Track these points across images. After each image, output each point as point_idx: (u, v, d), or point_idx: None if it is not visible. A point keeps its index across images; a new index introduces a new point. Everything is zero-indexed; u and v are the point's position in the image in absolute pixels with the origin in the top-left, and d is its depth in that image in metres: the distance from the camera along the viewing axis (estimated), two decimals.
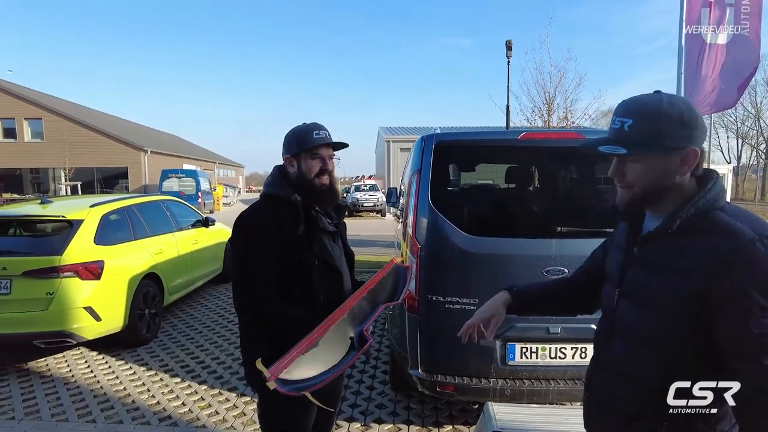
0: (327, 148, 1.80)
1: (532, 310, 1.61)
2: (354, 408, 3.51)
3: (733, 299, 0.94)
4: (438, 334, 2.87)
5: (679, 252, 1.04)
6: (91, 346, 4.74)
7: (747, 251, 0.94)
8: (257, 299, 1.64)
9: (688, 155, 1.04)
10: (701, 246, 1.00)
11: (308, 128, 1.77)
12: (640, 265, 1.14)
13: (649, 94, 1.09)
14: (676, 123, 1.03)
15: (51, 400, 3.69)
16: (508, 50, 13.63)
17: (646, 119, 1.05)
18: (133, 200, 5.59)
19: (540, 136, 3.00)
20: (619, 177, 1.12)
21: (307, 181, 1.76)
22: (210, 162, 41.54)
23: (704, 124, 1.07)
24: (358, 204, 23.86)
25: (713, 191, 1.05)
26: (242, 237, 1.69)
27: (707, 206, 1.03)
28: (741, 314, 0.94)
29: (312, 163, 1.76)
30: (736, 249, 0.95)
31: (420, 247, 2.87)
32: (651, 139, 1.04)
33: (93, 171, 28.96)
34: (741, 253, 0.94)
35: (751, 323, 0.92)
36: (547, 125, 13.24)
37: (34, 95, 29.20)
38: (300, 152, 1.76)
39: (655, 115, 1.04)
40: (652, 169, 1.07)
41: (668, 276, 1.05)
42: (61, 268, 4.10)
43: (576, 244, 2.74)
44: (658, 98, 1.06)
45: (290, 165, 1.79)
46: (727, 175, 20.57)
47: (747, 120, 42.88)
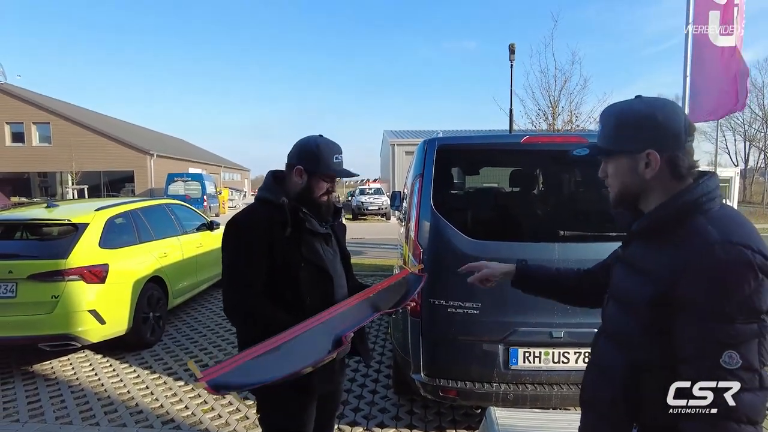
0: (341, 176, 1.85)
1: (534, 288, 1.62)
2: (357, 412, 3.50)
3: (687, 304, 0.95)
4: (441, 339, 2.86)
5: (649, 254, 1.07)
6: (96, 349, 4.77)
7: (704, 255, 0.94)
8: (243, 299, 1.65)
9: (650, 159, 1.06)
10: (668, 249, 1.01)
11: (330, 150, 1.78)
12: (622, 266, 1.18)
13: (625, 100, 1.13)
14: (633, 125, 1.07)
15: (55, 402, 3.71)
16: (511, 54, 13.64)
17: (610, 122, 1.12)
18: (138, 204, 5.63)
19: (543, 140, 3.00)
20: (605, 177, 1.19)
21: (312, 198, 1.79)
22: (216, 166, 41.70)
23: (675, 128, 1.05)
24: (363, 207, 23.86)
25: (691, 194, 1.04)
26: (232, 238, 1.72)
27: (685, 209, 1.03)
28: (692, 319, 0.95)
29: (322, 184, 1.80)
30: (695, 253, 0.95)
31: (422, 251, 2.87)
32: (612, 143, 1.11)
33: (100, 175, 29.17)
34: (698, 257, 0.95)
35: (698, 327, 0.94)
36: (552, 129, 13.21)
37: (42, 100, 29.46)
38: (316, 172, 1.78)
39: (616, 119, 1.11)
40: (621, 171, 1.12)
41: (638, 277, 1.08)
42: (66, 272, 4.13)
43: (579, 248, 2.73)
44: (628, 103, 1.11)
45: (299, 176, 1.79)
46: (734, 178, 20.39)
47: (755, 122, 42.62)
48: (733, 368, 0.90)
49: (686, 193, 1.04)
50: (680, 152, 1.06)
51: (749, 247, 0.92)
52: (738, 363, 0.90)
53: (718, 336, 0.92)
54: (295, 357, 1.41)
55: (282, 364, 1.37)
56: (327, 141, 1.81)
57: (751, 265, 0.91)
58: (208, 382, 1.20)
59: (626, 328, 1.10)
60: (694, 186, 1.05)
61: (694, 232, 0.99)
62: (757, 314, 0.91)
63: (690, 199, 1.03)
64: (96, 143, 28.51)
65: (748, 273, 0.91)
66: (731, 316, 0.91)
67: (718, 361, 0.91)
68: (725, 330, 0.91)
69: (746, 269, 0.91)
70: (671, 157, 1.06)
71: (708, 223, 0.99)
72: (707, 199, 1.03)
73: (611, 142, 1.12)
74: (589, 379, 1.24)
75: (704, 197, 1.03)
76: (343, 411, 3.49)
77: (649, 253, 1.07)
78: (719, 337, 0.92)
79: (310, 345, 1.47)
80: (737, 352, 0.90)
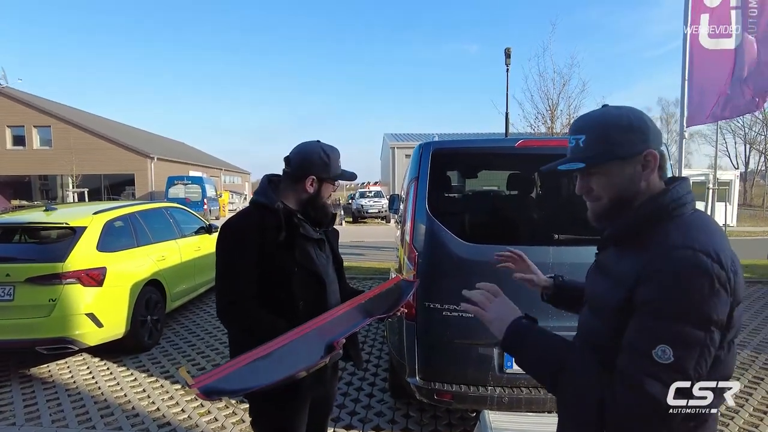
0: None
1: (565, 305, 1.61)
2: (353, 416, 3.50)
3: (641, 304, 0.95)
4: (436, 342, 2.87)
5: (619, 260, 1.07)
6: (94, 352, 4.77)
7: (663, 259, 0.95)
8: (234, 302, 1.67)
9: (648, 159, 1.06)
10: (633, 255, 1.02)
11: (335, 155, 1.87)
12: (596, 271, 1.19)
13: (597, 109, 1.13)
14: (626, 129, 1.06)
15: (52, 406, 3.72)
16: (507, 58, 13.70)
17: (596, 131, 1.08)
18: (137, 207, 5.64)
19: (538, 143, 3.01)
20: (587, 192, 1.14)
21: (321, 204, 1.87)
22: (216, 169, 41.75)
23: (656, 128, 1.08)
24: (363, 210, 23.89)
25: (661, 200, 1.04)
26: (225, 242, 1.73)
27: (656, 214, 1.03)
28: (639, 315, 0.95)
29: (329, 189, 1.90)
30: (656, 257, 0.96)
31: (417, 255, 2.88)
32: (605, 149, 1.07)
33: (100, 178, 29.20)
34: (657, 261, 0.95)
35: (642, 321, 0.94)
36: (551, 132, 13.24)
37: (43, 103, 29.55)
38: (326, 178, 1.84)
39: (603, 125, 1.08)
40: (616, 178, 1.09)
41: (608, 282, 1.08)
42: (63, 275, 4.14)
43: (573, 251, 2.74)
44: (605, 110, 1.10)
45: (311, 185, 1.83)
46: (733, 181, 20.41)
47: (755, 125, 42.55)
48: (663, 362, 0.90)
49: (659, 197, 1.04)
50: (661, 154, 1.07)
51: (709, 255, 0.91)
52: (669, 359, 0.90)
53: (658, 330, 0.92)
54: (288, 363, 1.41)
55: (274, 370, 1.38)
56: (330, 147, 1.87)
57: (707, 272, 0.90)
58: (200, 389, 1.21)
59: (597, 332, 1.09)
60: (666, 191, 1.05)
61: (661, 237, 0.99)
62: (706, 323, 0.90)
63: (662, 204, 1.03)
64: (97, 146, 28.57)
65: (702, 279, 0.90)
66: (677, 317, 0.90)
67: (650, 352, 0.91)
68: (667, 327, 0.91)
69: (701, 276, 0.90)
70: (661, 156, 1.07)
71: (675, 229, 0.99)
72: (678, 204, 1.03)
73: (603, 150, 1.07)
74: None
75: (675, 203, 1.03)
76: (339, 414, 3.50)
77: (618, 258, 1.08)
78: (658, 331, 0.91)
79: (302, 351, 1.48)
80: (672, 349, 0.90)
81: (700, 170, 20.86)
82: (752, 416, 3.45)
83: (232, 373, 1.30)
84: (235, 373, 1.30)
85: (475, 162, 3.48)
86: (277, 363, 1.39)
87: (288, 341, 1.44)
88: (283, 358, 1.41)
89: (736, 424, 3.32)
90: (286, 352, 1.42)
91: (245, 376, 1.32)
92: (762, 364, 4.48)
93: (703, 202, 15.80)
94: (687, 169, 21.63)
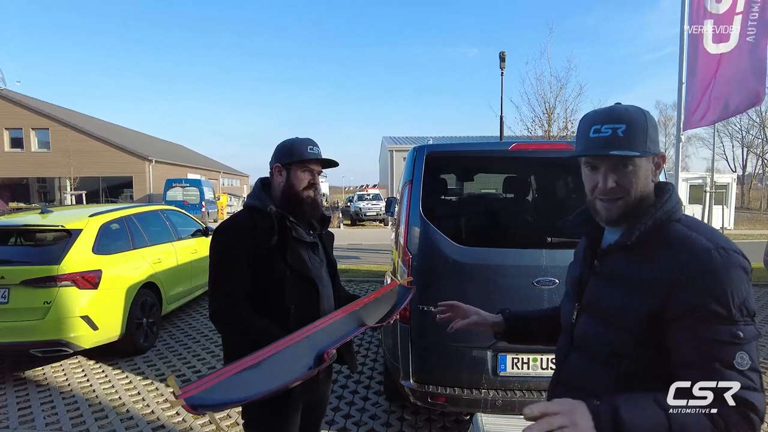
0: (317, 164, 1.85)
1: (521, 337, 1.51)
2: (347, 418, 3.50)
3: (688, 310, 0.94)
4: (430, 345, 2.87)
5: (638, 266, 1.04)
6: (89, 354, 4.76)
7: (703, 261, 0.95)
8: (225, 305, 1.66)
9: (657, 160, 1.08)
10: (659, 260, 1.00)
11: (303, 142, 1.83)
12: (600, 279, 1.13)
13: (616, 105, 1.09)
14: (656, 129, 1.08)
15: (46, 409, 3.71)
16: (502, 62, 13.73)
17: (639, 123, 1.04)
18: (133, 210, 5.64)
19: (531, 147, 3.02)
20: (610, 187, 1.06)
21: (294, 192, 1.81)
22: (215, 171, 41.77)
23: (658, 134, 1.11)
24: (361, 213, 23.89)
25: (670, 202, 1.05)
26: (217, 244, 1.74)
27: (664, 218, 1.04)
28: (695, 323, 0.93)
29: (302, 175, 1.81)
30: (693, 260, 0.95)
31: (411, 257, 2.88)
32: (644, 144, 1.04)
33: (98, 180, 29.20)
34: (698, 264, 0.95)
35: (703, 330, 0.92)
36: (548, 135, 13.28)
37: (42, 105, 29.57)
38: (291, 163, 1.80)
39: (643, 120, 1.05)
40: (643, 174, 1.06)
41: (626, 290, 1.05)
42: (58, 278, 4.13)
43: (566, 254, 2.72)
44: (634, 107, 1.07)
45: (279, 174, 1.83)
46: (731, 184, 20.45)
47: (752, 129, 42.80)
48: (743, 369, 0.90)
49: (668, 201, 1.05)
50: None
51: (738, 252, 0.96)
52: (748, 363, 0.91)
53: (728, 337, 0.91)
54: (277, 373, 1.41)
55: (263, 380, 1.37)
56: (300, 138, 1.86)
57: (745, 268, 0.94)
58: (187, 400, 1.19)
59: (612, 342, 1.06)
60: (670, 195, 1.06)
61: (680, 240, 0.99)
62: (752, 316, 0.93)
63: (671, 207, 1.05)
64: (95, 149, 28.58)
65: (743, 275, 0.94)
66: (735, 318, 0.91)
67: (731, 362, 0.90)
68: (733, 332, 0.91)
69: (742, 272, 0.94)
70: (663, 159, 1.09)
71: (689, 230, 1.00)
72: (679, 207, 1.06)
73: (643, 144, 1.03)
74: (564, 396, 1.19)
75: (678, 205, 1.06)
76: (333, 417, 3.49)
77: (635, 265, 1.05)
78: (729, 338, 0.91)
79: (292, 361, 1.47)
80: (746, 352, 0.91)
81: (698, 173, 20.91)
82: None
83: (221, 383, 1.29)
84: (223, 383, 1.29)
85: (470, 165, 3.49)
86: (267, 373, 1.38)
87: (278, 350, 1.42)
88: (272, 368, 1.40)
89: None
90: (276, 362, 1.41)
91: (233, 387, 1.31)
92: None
93: (700, 205, 15.88)
94: (685, 172, 21.71)
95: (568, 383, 1.17)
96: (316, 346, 1.54)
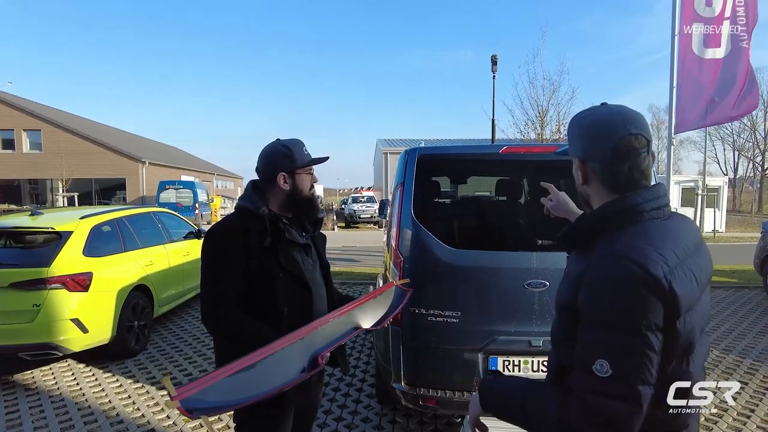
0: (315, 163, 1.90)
1: None
2: (339, 422, 3.48)
3: (582, 311, 0.98)
4: (421, 347, 2.87)
5: (573, 263, 1.12)
6: (79, 358, 4.72)
7: (595, 266, 0.98)
8: (216, 307, 1.66)
9: (577, 167, 1.14)
10: (583, 260, 1.05)
11: (296, 145, 1.84)
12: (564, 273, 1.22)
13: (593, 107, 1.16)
14: (575, 135, 1.14)
15: (35, 413, 3.67)
16: (494, 65, 13.80)
17: (570, 129, 1.17)
18: (125, 212, 5.60)
19: (521, 150, 3.03)
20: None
21: (303, 197, 1.84)
22: (208, 173, 41.59)
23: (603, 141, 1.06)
24: (356, 215, 23.87)
25: (617, 205, 1.04)
26: (209, 246, 1.73)
27: (608, 220, 1.04)
28: (582, 325, 0.98)
29: (306, 178, 1.85)
30: (591, 263, 0.99)
31: (403, 260, 2.88)
32: (574, 148, 1.16)
33: (91, 182, 28.99)
34: (591, 268, 0.98)
35: (583, 333, 0.98)
36: (540, 138, 13.33)
37: (33, 107, 29.33)
38: (295, 169, 1.81)
39: (573, 125, 1.16)
40: (576, 175, 1.17)
41: (562, 284, 1.12)
42: (48, 280, 4.10)
43: (556, 257, 2.75)
44: (586, 110, 1.15)
45: (284, 182, 1.82)
46: (722, 187, 20.63)
47: (743, 132, 43.25)
48: (603, 376, 0.91)
49: (610, 204, 1.06)
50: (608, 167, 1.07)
51: (634, 261, 0.92)
52: (608, 372, 0.90)
53: (594, 344, 0.94)
54: (272, 375, 1.41)
55: (258, 382, 1.37)
56: (290, 140, 1.87)
57: (629, 279, 0.91)
58: (182, 402, 1.19)
59: (555, 332, 1.15)
60: (621, 198, 1.05)
61: (603, 244, 1.01)
62: (637, 329, 0.90)
63: (613, 210, 1.04)
64: (87, 150, 28.38)
65: (625, 286, 0.91)
66: (608, 328, 0.92)
67: (591, 368, 0.92)
68: (601, 340, 0.93)
69: (624, 283, 0.91)
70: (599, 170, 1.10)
71: (620, 236, 0.99)
72: (635, 212, 1.02)
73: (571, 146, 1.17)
74: None
75: (630, 210, 1.02)
76: (325, 420, 3.48)
77: (573, 261, 1.13)
78: (594, 345, 0.94)
79: (287, 363, 1.47)
80: (607, 362, 0.91)
81: (690, 176, 21.09)
82: (736, 420, 3.47)
83: (215, 384, 1.28)
84: (218, 384, 1.29)
85: (461, 168, 3.50)
86: (261, 375, 1.38)
87: (272, 352, 1.42)
88: (267, 370, 1.40)
89: (720, 429, 3.34)
90: (271, 364, 1.41)
91: (228, 389, 1.31)
92: (747, 369, 4.51)
93: (692, 208, 16.01)
94: (677, 175, 21.86)
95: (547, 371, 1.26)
96: (310, 348, 1.55)
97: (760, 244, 7.82)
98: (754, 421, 3.48)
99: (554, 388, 1.05)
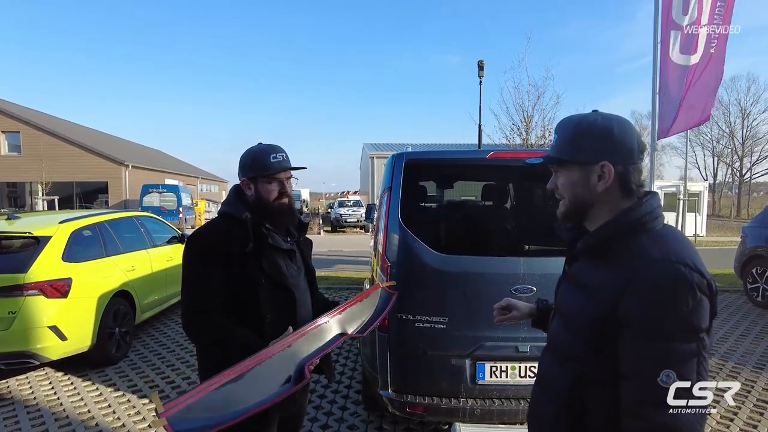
0: (285, 171, 1.80)
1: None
2: (325, 429, 3.44)
3: (630, 321, 0.95)
4: (408, 354, 2.84)
5: (593, 272, 1.07)
6: (58, 366, 4.59)
7: (644, 274, 0.95)
8: (197, 314, 1.64)
9: (604, 171, 1.07)
10: (615, 267, 1.02)
11: (265, 151, 1.77)
12: (568, 282, 1.18)
13: (582, 113, 1.13)
14: (589, 137, 1.08)
15: (9, 424, 3.55)
16: (480, 70, 13.92)
17: (564, 133, 1.12)
18: (106, 216, 5.49)
19: (508, 155, 3.04)
20: (554, 189, 1.18)
21: (265, 204, 1.77)
22: (193, 177, 41.14)
23: (629, 143, 1.07)
24: (342, 219, 23.80)
25: (632, 214, 1.05)
26: (190, 252, 1.71)
27: (630, 228, 1.04)
28: (634, 335, 0.95)
29: (270, 187, 1.77)
30: (637, 271, 0.96)
31: (390, 265, 2.86)
32: (566, 152, 1.10)
33: (72, 185, 28.43)
34: (639, 276, 0.96)
35: (638, 343, 0.95)
36: (526, 143, 13.45)
37: (12, 108, 28.70)
38: (257, 176, 1.76)
39: (571, 129, 1.11)
40: (574, 182, 1.11)
41: (582, 294, 1.08)
42: (25, 286, 3.98)
43: (543, 262, 2.76)
44: (583, 115, 1.11)
45: (247, 188, 1.80)
46: (703, 192, 21.05)
47: (722, 139, 44.24)
48: (669, 387, 0.90)
49: (631, 211, 1.05)
50: (632, 168, 1.07)
51: (687, 265, 0.93)
52: (675, 380, 0.90)
53: (656, 354, 0.92)
54: (259, 386, 1.38)
55: (246, 395, 1.35)
56: (261, 145, 1.80)
57: (689, 282, 0.92)
58: (169, 419, 1.16)
59: (569, 344, 1.10)
60: (639, 204, 1.05)
61: (637, 250, 0.99)
62: (696, 333, 0.91)
63: (635, 218, 1.04)
64: (68, 153, 27.85)
65: (686, 291, 0.91)
66: (670, 335, 0.91)
67: (655, 380, 0.91)
68: (663, 349, 0.91)
69: (684, 287, 0.92)
70: (623, 172, 1.07)
71: (650, 242, 1.00)
72: (650, 218, 1.04)
73: (566, 152, 1.11)
74: (534, 395, 1.24)
75: (647, 216, 1.04)
76: (311, 428, 3.43)
77: (593, 270, 1.08)
78: (657, 355, 0.92)
79: (274, 372, 1.44)
80: (674, 371, 0.90)
81: (672, 182, 21.47)
82: (720, 423, 3.51)
83: (203, 398, 1.26)
84: (206, 398, 1.27)
85: (448, 173, 3.50)
86: (249, 386, 1.36)
87: (258, 362, 1.40)
88: (255, 380, 1.38)
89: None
90: (258, 374, 1.39)
91: (216, 403, 1.28)
92: (729, 372, 4.58)
93: (674, 213, 16.29)
94: (659, 180, 22.27)
95: (541, 383, 1.22)
96: (297, 356, 1.52)
97: (740, 248, 7.95)
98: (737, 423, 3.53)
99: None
